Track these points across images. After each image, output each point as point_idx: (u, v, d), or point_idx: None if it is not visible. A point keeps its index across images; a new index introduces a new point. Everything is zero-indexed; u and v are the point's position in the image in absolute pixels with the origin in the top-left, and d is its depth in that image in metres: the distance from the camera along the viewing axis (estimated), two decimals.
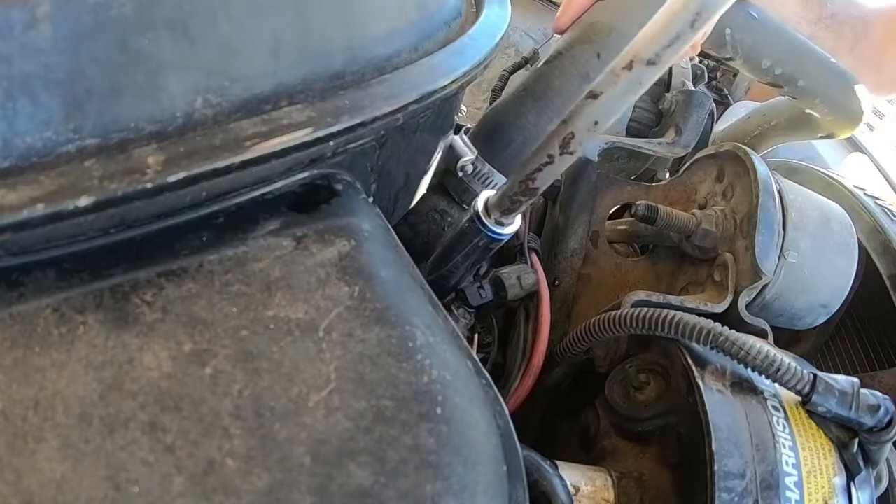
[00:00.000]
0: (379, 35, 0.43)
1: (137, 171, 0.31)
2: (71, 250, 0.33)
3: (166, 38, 0.33)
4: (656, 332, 0.50)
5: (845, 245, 0.64)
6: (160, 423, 0.29)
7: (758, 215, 0.61)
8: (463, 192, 0.66)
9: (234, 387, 0.31)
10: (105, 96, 0.32)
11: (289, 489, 0.28)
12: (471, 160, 0.64)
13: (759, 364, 0.47)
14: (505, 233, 0.51)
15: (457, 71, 0.45)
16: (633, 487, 0.51)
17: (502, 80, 1.01)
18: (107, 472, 0.28)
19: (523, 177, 0.46)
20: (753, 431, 0.46)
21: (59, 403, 0.29)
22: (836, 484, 0.46)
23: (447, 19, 0.49)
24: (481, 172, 0.64)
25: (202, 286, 0.34)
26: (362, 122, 0.38)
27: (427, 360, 0.33)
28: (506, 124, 0.65)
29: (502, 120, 0.66)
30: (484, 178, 0.64)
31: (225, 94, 0.35)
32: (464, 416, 0.33)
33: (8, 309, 0.31)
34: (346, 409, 0.31)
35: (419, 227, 0.66)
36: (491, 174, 0.64)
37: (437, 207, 0.66)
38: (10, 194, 0.29)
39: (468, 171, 0.64)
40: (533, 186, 0.47)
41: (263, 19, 0.36)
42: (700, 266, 0.68)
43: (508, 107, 0.66)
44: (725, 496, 0.43)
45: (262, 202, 0.38)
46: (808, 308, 0.63)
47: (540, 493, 0.46)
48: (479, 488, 0.31)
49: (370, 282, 0.36)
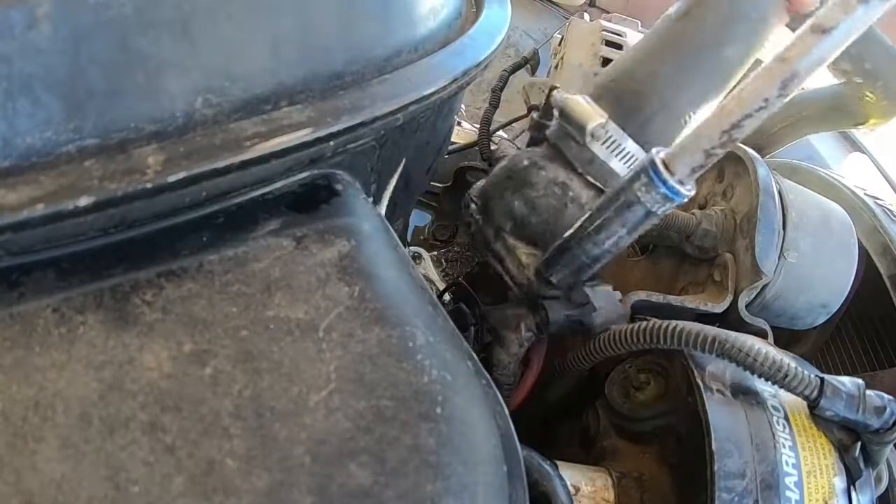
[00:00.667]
0: (379, 35, 0.43)
1: (137, 171, 0.31)
2: (71, 250, 0.33)
3: (166, 38, 0.33)
4: (661, 344, 0.50)
5: (845, 245, 0.64)
6: (160, 423, 0.29)
7: (758, 215, 0.61)
8: (588, 163, 0.55)
9: (234, 387, 0.31)
10: (105, 96, 0.32)
11: (289, 489, 0.28)
12: (601, 124, 0.54)
13: (767, 371, 0.46)
14: (686, 194, 0.44)
15: (457, 71, 0.45)
16: (633, 487, 0.51)
17: (502, 80, 1.01)
18: (107, 472, 0.28)
19: (727, 126, 0.41)
20: (753, 431, 0.46)
21: (59, 403, 0.29)
22: (836, 484, 0.46)
23: (447, 19, 0.49)
24: (612, 139, 0.54)
25: (202, 286, 0.34)
26: (362, 122, 0.38)
27: (427, 360, 0.33)
28: (638, 85, 0.56)
29: (632, 81, 0.56)
30: (615, 147, 0.55)
31: (225, 94, 0.35)
32: (464, 416, 0.33)
33: (8, 309, 0.31)
34: (346, 409, 0.31)
35: (537, 202, 0.56)
36: (622, 141, 0.55)
37: (555, 180, 0.56)
38: (10, 194, 0.29)
39: (599, 138, 0.54)
40: (736, 137, 0.41)
41: (263, 19, 0.36)
42: (700, 266, 0.68)
43: (638, 66, 0.57)
44: (725, 496, 0.43)
45: (262, 202, 0.38)
46: (808, 308, 0.63)
47: (540, 493, 0.46)
48: (479, 488, 0.31)
49: (370, 282, 0.36)
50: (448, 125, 0.57)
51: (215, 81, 0.35)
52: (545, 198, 0.56)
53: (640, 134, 0.56)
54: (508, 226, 0.58)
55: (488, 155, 0.85)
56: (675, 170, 0.44)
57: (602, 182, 0.56)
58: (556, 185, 0.56)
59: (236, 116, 0.36)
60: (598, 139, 0.54)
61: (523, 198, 0.57)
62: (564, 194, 0.56)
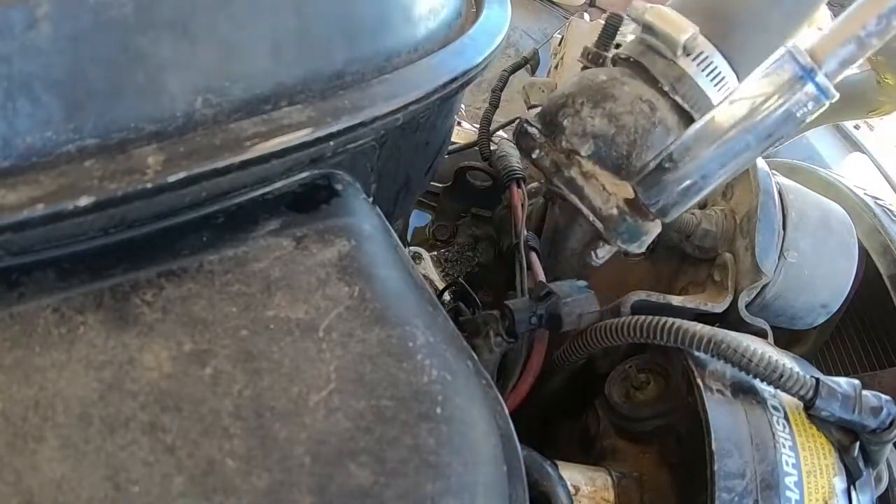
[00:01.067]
0: (379, 35, 0.43)
1: (137, 171, 0.31)
2: (71, 250, 0.33)
3: (166, 38, 0.33)
4: (656, 340, 0.50)
5: (845, 245, 0.64)
6: (160, 423, 0.29)
7: (758, 215, 0.61)
8: (677, 80, 0.50)
9: (234, 387, 0.31)
10: (105, 96, 0.32)
11: (289, 489, 0.28)
12: (693, 37, 0.48)
13: (762, 371, 0.46)
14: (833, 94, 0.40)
15: (457, 71, 0.45)
16: (633, 487, 0.51)
17: (502, 80, 1.01)
18: (107, 472, 0.28)
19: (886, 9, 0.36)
20: (753, 431, 0.46)
21: (59, 403, 0.29)
22: (836, 484, 0.46)
23: (447, 19, 0.49)
24: (704, 55, 0.49)
25: (202, 286, 0.34)
26: (362, 122, 0.38)
27: (427, 360, 0.33)
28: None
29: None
30: (706, 63, 0.49)
31: (225, 94, 0.35)
32: (464, 416, 0.33)
33: (8, 309, 0.31)
34: (346, 409, 0.31)
35: (623, 119, 0.50)
36: (713, 57, 0.49)
37: (642, 96, 0.50)
38: (10, 194, 0.29)
39: (692, 52, 0.49)
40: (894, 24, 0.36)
41: (263, 19, 0.36)
42: (700, 266, 0.68)
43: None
44: (725, 496, 0.43)
45: (262, 202, 0.38)
46: (808, 308, 0.63)
47: (540, 493, 0.46)
48: (479, 488, 0.31)
49: (370, 282, 0.36)
50: (448, 125, 0.57)
51: (215, 81, 0.35)
52: (631, 115, 0.49)
53: (730, 53, 0.49)
54: (585, 148, 0.50)
55: (488, 155, 0.85)
56: (822, 62, 0.39)
57: (691, 104, 0.50)
58: (642, 101, 0.49)
59: (236, 116, 0.36)
60: (690, 53, 0.48)
61: (606, 114, 0.49)
62: (653, 113, 0.49)
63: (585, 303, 0.54)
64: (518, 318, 0.53)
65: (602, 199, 0.50)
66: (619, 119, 0.49)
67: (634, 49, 0.52)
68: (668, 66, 0.49)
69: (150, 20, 0.33)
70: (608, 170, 0.50)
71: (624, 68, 0.52)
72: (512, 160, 0.80)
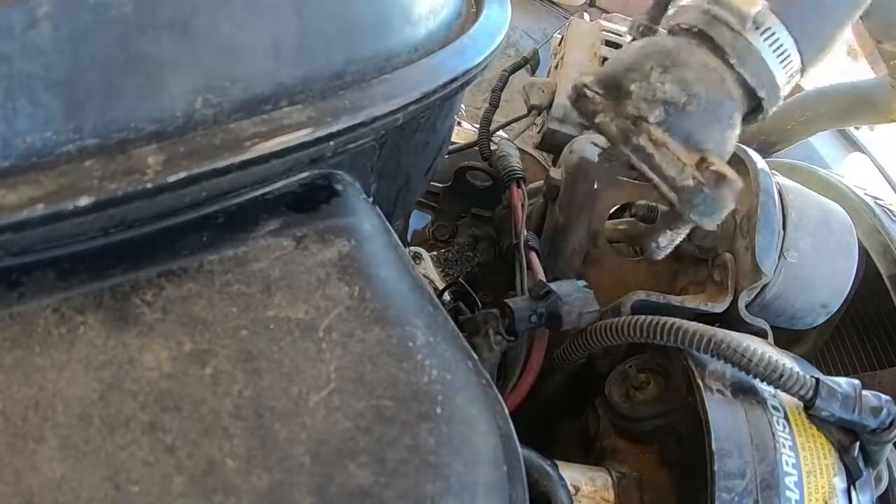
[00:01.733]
0: (379, 35, 0.43)
1: (137, 171, 0.31)
2: (71, 250, 0.33)
3: (166, 38, 0.33)
4: (656, 340, 0.50)
5: (845, 245, 0.64)
6: (160, 423, 0.29)
7: (758, 215, 0.61)
8: (743, 52, 0.47)
9: (234, 387, 0.31)
10: (105, 96, 0.32)
11: (289, 489, 0.28)
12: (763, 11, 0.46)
13: (762, 371, 0.46)
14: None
15: (457, 71, 0.45)
16: (633, 487, 0.51)
17: (502, 80, 1.01)
18: (107, 472, 0.28)
19: None
20: (753, 431, 0.46)
21: (59, 403, 0.29)
22: (836, 484, 0.46)
23: (447, 19, 0.49)
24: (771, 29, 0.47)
25: (202, 286, 0.34)
26: (362, 122, 0.38)
27: (427, 360, 0.33)
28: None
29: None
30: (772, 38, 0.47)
31: (225, 94, 0.35)
32: (464, 416, 0.33)
33: (8, 309, 0.31)
34: (346, 409, 0.31)
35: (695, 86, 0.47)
36: (779, 32, 0.47)
37: (708, 65, 0.48)
38: (10, 194, 0.29)
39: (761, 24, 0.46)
40: None
41: (263, 19, 0.36)
42: (700, 266, 0.68)
43: None
44: (725, 496, 0.43)
45: (262, 202, 0.38)
46: (808, 308, 0.63)
47: (540, 493, 0.46)
48: (479, 488, 0.31)
49: (370, 282, 0.36)
50: (448, 125, 0.57)
51: (215, 81, 0.35)
52: (703, 83, 0.46)
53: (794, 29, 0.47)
54: (655, 114, 0.47)
55: (488, 155, 0.85)
56: None
57: (755, 80, 0.48)
58: (710, 69, 0.47)
59: (236, 116, 0.36)
60: (759, 26, 0.46)
61: (677, 80, 0.46)
62: (722, 83, 0.47)
63: (585, 302, 0.54)
64: (518, 316, 0.53)
65: (676, 168, 0.47)
66: (691, 86, 0.46)
67: (700, 19, 0.49)
68: (735, 37, 0.46)
69: (150, 20, 0.33)
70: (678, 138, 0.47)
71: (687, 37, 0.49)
72: (512, 160, 0.80)
